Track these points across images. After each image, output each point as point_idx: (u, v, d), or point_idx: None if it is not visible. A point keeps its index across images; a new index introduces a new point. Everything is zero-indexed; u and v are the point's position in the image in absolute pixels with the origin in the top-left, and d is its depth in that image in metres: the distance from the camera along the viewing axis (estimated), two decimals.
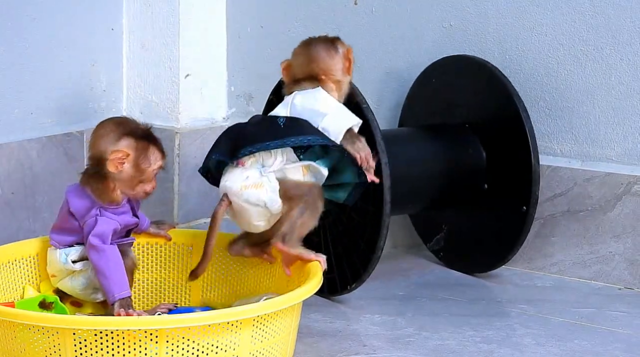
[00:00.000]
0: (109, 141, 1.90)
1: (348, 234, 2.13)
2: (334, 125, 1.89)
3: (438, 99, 2.39)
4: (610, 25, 2.29)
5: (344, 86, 1.99)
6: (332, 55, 2.00)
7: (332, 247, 2.15)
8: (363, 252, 2.11)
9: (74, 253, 1.93)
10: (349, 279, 2.14)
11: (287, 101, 1.93)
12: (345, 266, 2.14)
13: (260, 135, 1.84)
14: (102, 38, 2.65)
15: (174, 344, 1.65)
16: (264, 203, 1.85)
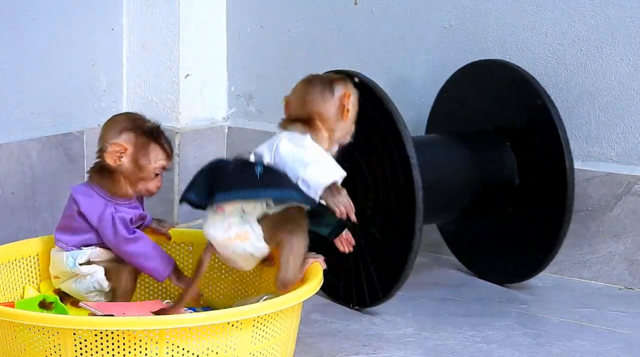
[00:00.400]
0: (112, 134, 1.91)
1: (378, 245, 2.06)
2: (315, 178, 1.81)
3: (467, 105, 2.32)
4: (610, 25, 2.29)
5: (337, 133, 1.90)
6: (326, 98, 1.90)
7: (362, 259, 2.08)
8: (393, 265, 2.03)
9: (82, 256, 1.93)
10: (379, 292, 2.07)
11: (273, 143, 1.86)
12: (375, 279, 2.06)
13: (237, 183, 1.80)
14: (102, 38, 2.65)
15: (174, 344, 1.65)
16: (251, 253, 1.84)
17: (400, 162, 1.99)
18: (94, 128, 2.62)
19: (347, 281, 2.10)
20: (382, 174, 2.04)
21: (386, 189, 2.03)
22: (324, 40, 2.65)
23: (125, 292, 1.95)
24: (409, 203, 1.98)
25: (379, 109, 2.02)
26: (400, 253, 2.01)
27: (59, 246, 1.95)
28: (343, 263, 2.06)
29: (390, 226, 2.03)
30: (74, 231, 1.93)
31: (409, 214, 1.98)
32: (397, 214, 2.00)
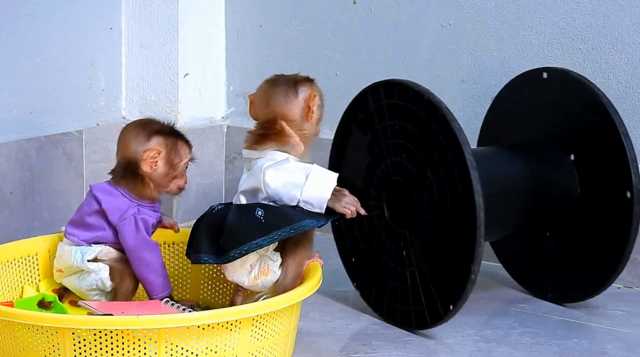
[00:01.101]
0: (139, 142, 1.93)
1: (436, 265, 1.95)
2: (315, 195, 1.81)
3: (525, 115, 2.20)
4: (609, 24, 2.29)
5: (308, 134, 1.89)
6: (290, 99, 1.89)
7: (419, 278, 1.98)
8: (453, 284, 1.92)
9: (91, 253, 1.94)
10: (440, 311, 1.95)
11: (258, 177, 1.84)
12: (435, 299, 1.95)
13: (245, 233, 1.79)
14: (100, 37, 2.65)
15: (173, 344, 1.65)
16: (275, 281, 1.87)
17: (462, 185, 1.88)
18: (93, 127, 2.62)
19: (405, 302, 2.01)
20: (440, 193, 1.93)
21: (444, 208, 1.92)
22: (322, 40, 2.64)
23: (127, 293, 1.95)
24: (469, 226, 1.87)
25: (433, 117, 1.93)
26: (460, 274, 1.90)
27: (69, 239, 1.95)
28: (400, 285, 2.01)
29: (449, 246, 1.92)
30: (87, 226, 1.94)
31: (469, 235, 1.87)
32: (456, 235, 1.90)
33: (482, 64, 2.45)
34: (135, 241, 1.91)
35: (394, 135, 2.00)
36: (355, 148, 2.09)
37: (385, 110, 2.02)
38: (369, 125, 2.05)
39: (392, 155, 2.01)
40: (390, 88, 2.02)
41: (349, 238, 2.14)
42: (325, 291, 2.14)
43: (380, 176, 2.04)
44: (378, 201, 2.05)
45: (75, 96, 2.60)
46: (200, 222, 1.86)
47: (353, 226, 2.10)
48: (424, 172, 1.94)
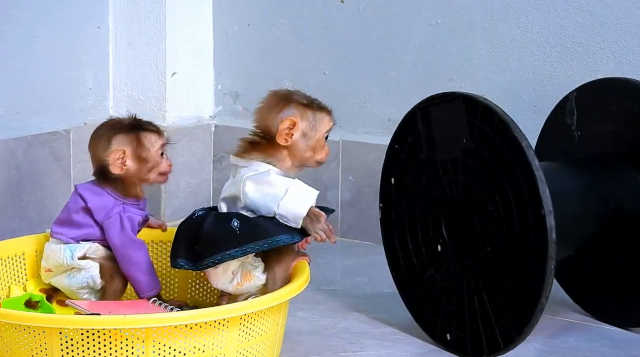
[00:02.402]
0: (102, 147, 1.93)
1: (499, 292, 1.84)
2: (291, 210, 1.80)
3: (586, 128, 2.06)
4: (596, 23, 2.29)
5: (297, 153, 1.85)
6: (271, 115, 1.86)
7: (479, 305, 1.87)
8: (518, 311, 1.82)
9: (80, 250, 1.94)
10: (499, 341, 1.84)
11: (238, 186, 1.84)
12: (494, 326, 1.84)
13: (219, 241, 1.79)
14: (88, 36, 2.65)
15: (161, 343, 1.65)
16: (262, 284, 1.86)
17: (531, 207, 1.77)
18: (81, 126, 2.61)
19: (461, 329, 1.90)
20: (506, 212, 1.81)
21: (512, 230, 1.81)
22: (310, 39, 2.64)
23: (116, 292, 1.95)
24: (540, 250, 1.77)
25: (506, 141, 1.80)
26: (528, 299, 1.80)
27: (57, 238, 1.95)
28: (455, 310, 1.90)
29: (514, 270, 1.81)
30: (75, 224, 1.94)
31: (538, 260, 1.77)
32: (521, 259, 1.80)
33: (470, 63, 2.45)
34: (121, 240, 1.91)
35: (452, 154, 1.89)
36: (406, 169, 1.97)
37: None
38: (419, 147, 1.94)
39: (452, 174, 1.89)
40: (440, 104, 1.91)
41: (407, 271, 2.01)
42: (313, 289, 2.14)
43: (438, 198, 1.92)
44: (436, 227, 1.93)
45: (62, 95, 2.60)
46: (181, 227, 1.87)
47: (411, 258, 1.99)
48: (492, 195, 1.83)
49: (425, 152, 1.92)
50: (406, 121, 1.95)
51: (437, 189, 1.91)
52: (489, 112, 1.81)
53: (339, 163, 2.59)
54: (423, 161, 1.93)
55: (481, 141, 1.83)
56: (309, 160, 1.88)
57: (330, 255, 2.41)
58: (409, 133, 1.94)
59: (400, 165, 1.97)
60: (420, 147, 1.93)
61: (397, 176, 1.98)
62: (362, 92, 2.59)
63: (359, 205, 2.58)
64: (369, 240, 2.56)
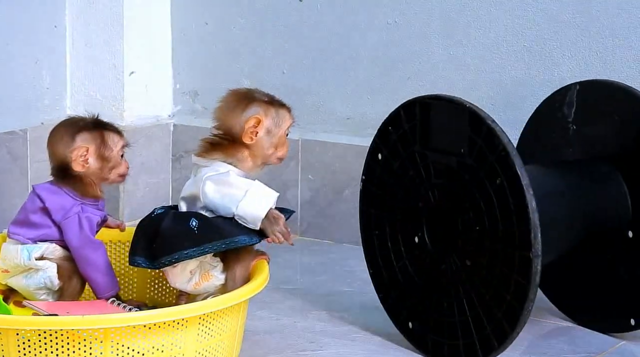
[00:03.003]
0: (65, 144, 1.92)
1: (487, 293, 1.81)
2: (250, 212, 1.80)
3: (569, 132, 2.02)
4: (554, 22, 2.31)
5: (259, 151, 1.85)
6: (235, 114, 1.85)
7: (470, 311, 1.83)
8: (506, 314, 1.79)
9: (37, 250, 1.92)
10: (493, 342, 1.80)
11: (198, 185, 1.83)
12: (487, 330, 1.81)
13: (176, 241, 1.79)
14: (44, 35, 2.63)
15: (119, 344, 1.64)
16: (221, 284, 1.85)
17: (516, 212, 1.74)
18: (37, 126, 2.59)
19: (453, 337, 1.85)
20: (489, 215, 1.79)
21: (495, 231, 1.78)
22: (269, 37, 2.64)
23: (74, 293, 1.94)
24: (524, 257, 1.74)
25: (506, 172, 1.76)
26: (515, 303, 1.76)
27: (14, 238, 1.94)
28: (446, 318, 1.86)
29: (501, 274, 1.78)
30: (32, 225, 1.93)
31: (523, 264, 1.74)
32: (507, 263, 1.77)
33: (427, 61, 2.46)
34: (79, 240, 1.90)
35: (433, 156, 1.87)
36: (388, 171, 1.94)
37: None
38: (403, 147, 1.91)
39: (433, 178, 1.87)
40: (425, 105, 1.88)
41: (386, 271, 1.97)
42: (273, 288, 2.14)
43: (419, 201, 1.89)
44: (416, 228, 1.91)
45: (19, 95, 2.58)
46: (141, 225, 1.86)
47: (390, 258, 1.95)
48: (470, 193, 1.81)
49: (418, 146, 1.89)
50: (405, 108, 1.90)
51: (423, 188, 1.88)
52: (493, 136, 1.77)
53: (298, 162, 2.59)
54: (413, 154, 1.89)
55: (479, 160, 1.79)
56: (271, 157, 1.88)
57: (289, 254, 2.42)
58: (407, 121, 1.89)
59: (390, 148, 1.93)
60: (414, 139, 1.89)
61: (385, 157, 1.94)
62: (320, 91, 2.59)
63: (319, 204, 2.58)
64: (329, 239, 2.56)
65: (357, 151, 2.52)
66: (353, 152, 2.52)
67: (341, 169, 2.55)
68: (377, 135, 1.95)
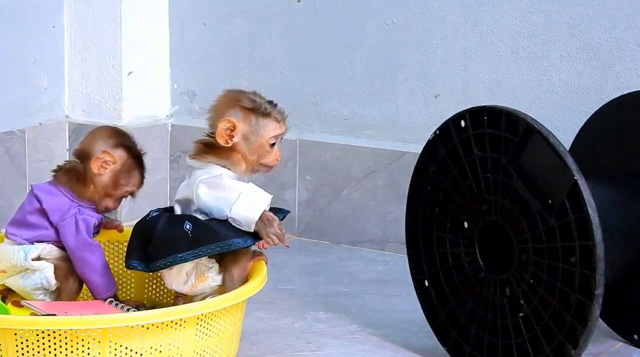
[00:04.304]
0: (105, 143, 1.94)
1: (545, 314, 1.72)
2: (244, 214, 1.79)
3: (622, 143, 1.95)
4: (550, 22, 2.31)
5: (243, 153, 1.84)
6: (217, 116, 1.85)
7: (526, 331, 1.74)
8: (566, 335, 1.69)
9: (34, 251, 1.93)
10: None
11: (192, 188, 1.83)
12: (545, 352, 1.72)
13: (171, 244, 1.79)
14: (43, 35, 2.63)
15: (117, 344, 1.64)
16: (218, 285, 1.85)
17: (577, 228, 1.66)
18: (36, 126, 2.60)
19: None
20: (548, 238, 1.70)
21: (553, 252, 1.69)
22: (267, 38, 2.64)
23: (71, 293, 1.94)
24: (585, 275, 1.66)
25: (572, 197, 1.67)
26: (576, 324, 1.68)
27: (11, 239, 1.94)
28: (501, 341, 1.77)
29: (559, 295, 1.70)
30: (29, 226, 1.93)
31: (584, 282, 1.67)
32: (567, 281, 1.68)
33: (425, 62, 2.46)
34: (76, 242, 1.90)
35: (484, 170, 1.77)
36: (437, 188, 1.85)
37: (472, 141, 1.78)
38: (453, 161, 1.82)
39: (485, 193, 1.78)
40: (478, 115, 1.78)
41: (435, 292, 1.89)
42: (270, 289, 2.14)
43: (471, 217, 1.81)
44: (468, 246, 1.82)
45: (17, 95, 2.58)
46: (136, 228, 1.86)
47: (439, 278, 1.87)
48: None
49: (470, 160, 1.79)
50: (455, 121, 1.81)
51: (476, 204, 1.79)
52: (560, 161, 1.68)
53: (295, 162, 2.60)
54: (464, 169, 1.80)
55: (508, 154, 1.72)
56: (255, 164, 1.87)
57: (287, 254, 2.42)
58: (457, 134, 1.80)
59: (439, 163, 1.84)
60: (466, 152, 1.79)
61: (433, 173, 1.85)
62: (318, 91, 2.59)
63: (316, 204, 2.59)
64: (326, 239, 2.56)
65: (354, 151, 2.52)
66: (351, 152, 2.53)
67: (339, 170, 2.55)
68: (424, 151, 1.85)
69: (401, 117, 2.50)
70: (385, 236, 2.49)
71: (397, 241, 2.48)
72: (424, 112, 2.47)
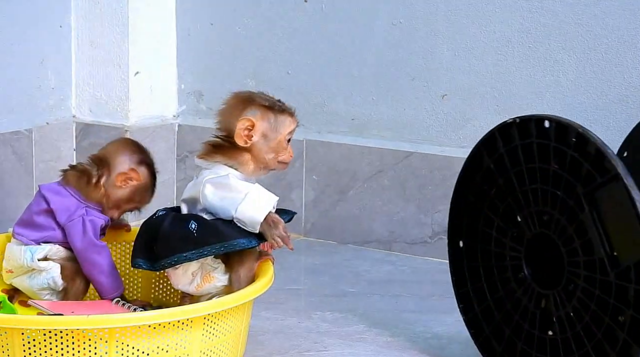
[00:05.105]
0: (130, 159, 1.97)
1: (597, 334, 1.65)
2: (249, 215, 1.79)
3: None
4: (558, 22, 2.31)
5: (259, 155, 1.85)
6: (233, 116, 1.84)
7: (576, 348, 1.67)
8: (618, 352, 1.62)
9: (41, 252, 1.93)
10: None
11: (198, 188, 1.84)
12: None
13: (176, 243, 1.79)
14: (50, 35, 2.63)
15: (124, 343, 1.64)
16: (223, 285, 1.85)
17: (634, 306, 1.58)
18: (43, 126, 2.60)
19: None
20: (600, 246, 1.63)
21: (604, 265, 1.62)
22: (274, 38, 2.64)
23: (77, 293, 1.95)
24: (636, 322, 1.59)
25: (599, 169, 1.61)
26: (630, 341, 1.60)
27: (18, 239, 1.94)
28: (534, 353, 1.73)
29: (613, 309, 1.63)
30: (36, 226, 1.93)
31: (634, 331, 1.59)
32: (620, 297, 1.62)
33: (432, 62, 2.46)
34: (83, 243, 1.90)
35: (556, 186, 1.69)
36: (482, 197, 1.79)
37: (552, 152, 1.68)
38: (499, 170, 1.76)
39: (533, 205, 1.71)
40: (564, 131, 1.67)
41: (479, 306, 1.84)
42: (277, 289, 2.14)
43: (518, 229, 1.74)
44: (514, 259, 1.76)
45: (24, 94, 2.58)
46: (143, 227, 1.87)
47: (483, 291, 1.81)
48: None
49: (517, 170, 1.73)
50: (501, 130, 1.75)
51: (522, 215, 1.73)
52: (604, 159, 1.62)
53: (302, 163, 2.60)
54: (511, 179, 1.74)
55: (588, 187, 1.64)
56: (272, 162, 1.87)
57: (293, 254, 2.42)
58: (504, 143, 1.74)
59: (484, 172, 1.78)
60: (513, 162, 1.73)
61: (478, 182, 1.79)
62: (325, 91, 2.59)
63: (323, 204, 2.59)
64: (333, 239, 2.56)
65: (361, 152, 2.52)
66: (357, 152, 2.53)
67: (346, 170, 2.55)
68: (468, 159, 1.80)
69: (408, 117, 2.50)
70: (391, 236, 2.49)
71: (403, 241, 2.48)
72: (431, 112, 2.47)
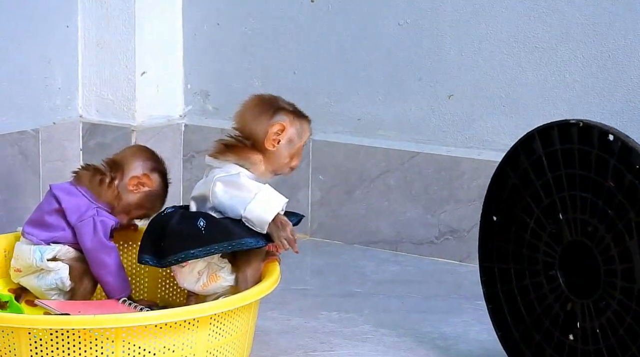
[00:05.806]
0: (144, 164, 1.98)
1: (632, 347, 1.60)
2: (257, 215, 1.79)
3: None
4: (565, 23, 2.31)
5: (275, 159, 1.85)
6: (260, 121, 1.86)
7: None
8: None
9: (50, 252, 1.93)
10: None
11: (208, 186, 1.84)
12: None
13: (184, 241, 1.80)
14: (57, 35, 2.64)
15: (131, 343, 1.64)
16: (229, 285, 1.86)
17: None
18: (49, 126, 2.60)
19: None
20: None
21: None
22: (280, 38, 2.64)
23: (85, 293, 1.95)
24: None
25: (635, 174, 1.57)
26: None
27: (27, 238, 1.94)
28: None
29: None
30: (46, 226, 1.94)
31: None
32: None
33: (438, 63, 2.45)
34: (93, 243, 1.91)
35: (571, 187, 1.67)
36: (515, 201, 1.75)
37: (594, 160, 1.64)
38: (536, 174, 1.72)
39: (571, 211, 1.67)
40: (567, 129, 1.66)
41: (508, 308, 1.79)
42: (283, 289, 2.14)
43: (553, 235, 1.71)
44: (547, 264, 1.72)
45: (31, 94, 2.59)
46: (150, 224, 1.87)
47: (514, 294, 1.77)
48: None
49: (555, 174, 1.69)
50: (541, 132, 1.71)
51: (557, 221, 1.69)
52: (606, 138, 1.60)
53: (309, 163, 2.60)
54: (548, 183, 1.70)
55: (630, 197, 1.59)
56: (285, 166, 1.88)
57: (300, 255, 2.40)
58: (544, 146, 1.70)
59: (520, 175, 1.74)
60: (552, 166, 1.69)
61: (513, 184, 1.75)
62: (331, 91, 2.59)
63: (329, 204, 2.59)
64: (339, 239, 2.56)
65: (367, 152, 2.52)
66: (364, 152, 2.53)
67: (352, 170, 2.55)
68: (504, 160, 1.75)
69: (414, 117, 2.50)
70: (398, 236, 2.49)
71: (410, 242, 2.48)
72: (437, 112, 2.46)
